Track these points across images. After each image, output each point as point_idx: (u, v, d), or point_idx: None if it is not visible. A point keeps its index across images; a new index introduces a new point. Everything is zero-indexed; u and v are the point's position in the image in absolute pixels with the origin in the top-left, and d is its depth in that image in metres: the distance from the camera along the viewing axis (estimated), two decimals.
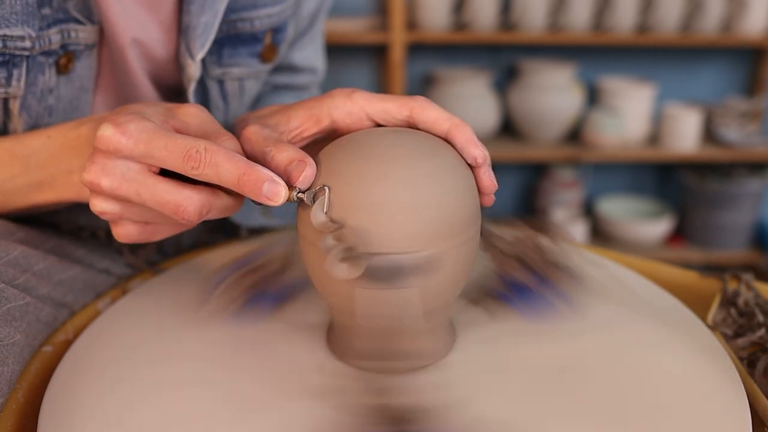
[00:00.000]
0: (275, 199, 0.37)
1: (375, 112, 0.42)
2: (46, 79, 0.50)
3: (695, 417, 0.36)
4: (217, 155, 0.37)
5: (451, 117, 0.40)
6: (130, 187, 0.39)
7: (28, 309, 0.45)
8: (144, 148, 0.38)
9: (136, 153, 0.38)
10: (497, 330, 0.43)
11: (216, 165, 0.37)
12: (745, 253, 2.09)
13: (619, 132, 1.93)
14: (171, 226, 0.43)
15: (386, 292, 0.37)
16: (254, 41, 0.59)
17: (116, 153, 0.38)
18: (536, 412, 0.36)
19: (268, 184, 0.37)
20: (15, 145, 0.47)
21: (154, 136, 0.38)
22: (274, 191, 0.37)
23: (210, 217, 0.40)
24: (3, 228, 0.49)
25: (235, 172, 0.37)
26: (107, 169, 0.39)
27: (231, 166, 0.37)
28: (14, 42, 0.46)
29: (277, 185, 0.37)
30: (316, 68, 0.74)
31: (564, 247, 0.42)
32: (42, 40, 0.48)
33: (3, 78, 0.47)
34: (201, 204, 0.39)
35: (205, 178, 0.38)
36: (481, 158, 0.39)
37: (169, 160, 0.38)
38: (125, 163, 0.39)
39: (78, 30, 0.50)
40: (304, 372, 0.40)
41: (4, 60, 0.47)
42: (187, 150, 0.38)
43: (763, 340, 0.46)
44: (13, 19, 0.46)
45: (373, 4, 2.01)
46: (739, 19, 1.88)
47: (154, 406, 0.37)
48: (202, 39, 0.53)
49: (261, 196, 0.37)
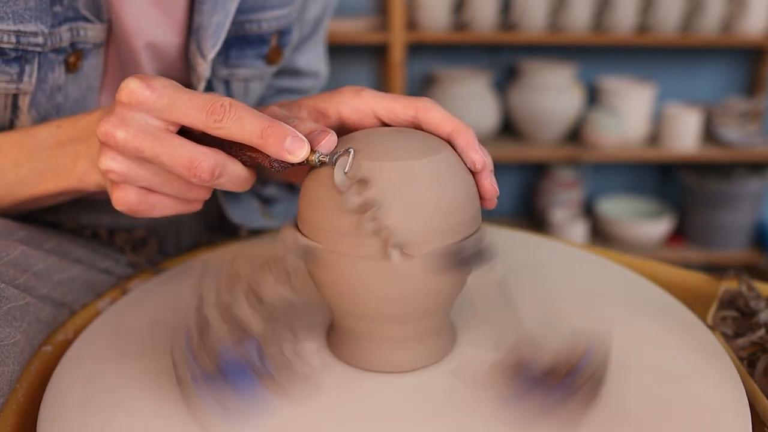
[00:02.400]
0: (297, 153, 0.37)
1: (382, 111, 0.42)
2: (55, 77, 0.50)
3: (695, 417, 0.36)
4: (241, 109, 0.38)
5: (455, 120, 0.40)
6: (146, 140, 0.38)
7: (29, 309, 0.45)
8: (168, 101, 0.38)
9: (159, 106, 0.38)
10: (496, 330, 0.43)
11: (240, 118, 0.37)
12: (745, 253, 2.09)
13: (619, 132, 1.93)
14: (173, 200, 0.42)
15: None
16: (261, 43, 0.59)
17: (138, 105, 0.38)
18: None
19: (291, 139, 0.37)
20: (23, 137, 0.47)
21: (177, 91, 0.39)
22: (297, 145, 0.37)
23: (221, 183, 0.40)
24: (4, 227, 0.49)
25: (259, 125, 0.37)
26: (126, 120, 0.38)
27: (255, 120, 0.37)
28: (27, 38, 0.47)
29: (301, 140, 0.37)
30: (319, 72, 0.75)
31: None
32: (54, 37, 0.48)
33: (15, 74, 0.48)
34: (215, 162, 0.38)
35: (227, 133, 0.38)
36: (480, 164, 0.39)
37: (192, 113, 0.38)
38: (145, 116, 0.39)
39: (87, 28, 0.50)
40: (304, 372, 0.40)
41: (17, 56, 0.47)
42: (211, 104, 0.38)
43: (763, 340, 0.46)
44: (27, 15, 0.46)
45: (373, 4, 2.01)
46: (739, 19, 1.88)
47: (154, 405, 0.37)
48: (213, 38, 0.53)
49: (283, 150, 0.37)
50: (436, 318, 0.40)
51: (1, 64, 0.47)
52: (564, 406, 0.34)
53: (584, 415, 0.35)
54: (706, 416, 0.36)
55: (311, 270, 0.39)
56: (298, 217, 0.40)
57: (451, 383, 0.39)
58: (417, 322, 0.39)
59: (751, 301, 0.49)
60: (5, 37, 0.46)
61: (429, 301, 0.38)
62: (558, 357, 0.36)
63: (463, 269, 0.38)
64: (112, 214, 0.63)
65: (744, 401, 0.38)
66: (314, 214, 0.38)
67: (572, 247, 0.59)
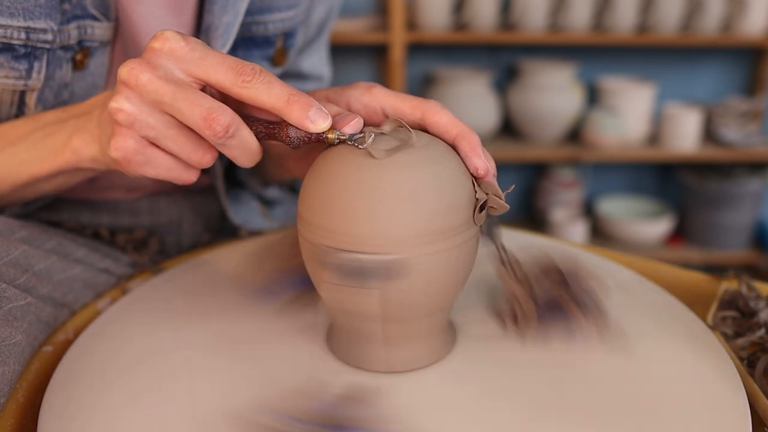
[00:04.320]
0: (319, 122, 0.37)
1: (390, 109, 0.42)
2: (63, 74, 0.51)
3: (695, 417, 0.36)
4: (270, 75, 0.38)
5: (461, 125, 0.40)
6: (168, 86, 0.38)
7: (29, 309, 0.45)
8: (199, 54, 0.39)
9: (190, 57, 0.38)
10: (495, 329, 0.43)
11: (269, 83, 0.38)
12: (745, 253, 2.09)
13: (619, 132, 1.93)
14: (173, 160, 0.41)
15: (350, 290, 0.37)
16: (267, 44, 0.60)
17: (170, 53, 0.39)
18: (534, 411, 0.36)
19: (315, 109, 0.38)
20: (29, 120, 0.48)
21: (210, 49, 0.39)
22: (320, 116, 0.38)
23: (231, 145, 0.39)
24: (5, 227, 0.49)
25: (287, 90, 0.38)
26: (153, 64, 0.38)
27: (283, 86, 0.38)
28: (37, 34, 0.47)
29: (324, 113, 0.38)
30: (322, 76, 0.75)
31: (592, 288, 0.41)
32: (62, 35, 0.49)
33: (24, 70, 0.48)
34: (232, 119, 0.38)
35: (253, 94, 0.38)
36: (483, 170, 0.39)
37: (222, 69, 0.38)
38: (173, 66, 0.39)
39: (94, 26, 0.51)
40: (304, 372, 0.40)
41: (26, 52, 0.47)
42: (242, 65, 0.38)
43: (763, 340, 0.46)
44: (37, 12, 0.46)
45: (373, 4, 2.01)
46: (739, 19, 1.88)
47: (153, 405, 0.37)
48: (223, 38, 0.54)
49: (306, 119, 0.37)
50: (436, 318, 0.40)
51: (10, 60, 0.47)
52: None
53: None
54: (706, 416, 0.36)
55: (311, 269, 0.40)
56: (298, 217, 0.40)
57: (450, 383, 0.39)
58: (416, 322, 0.39)
59: (751, 301, 0.49)
60: (15, 33, 0.46)
61: (428, 302, 0.38)
62: None
63: (364, 282, 0.37)
64: (112, 214, 0.63)
65: (744, 401, 0.38)
66: (314, 214, 0.38)
67: (572, 247, 0.59)
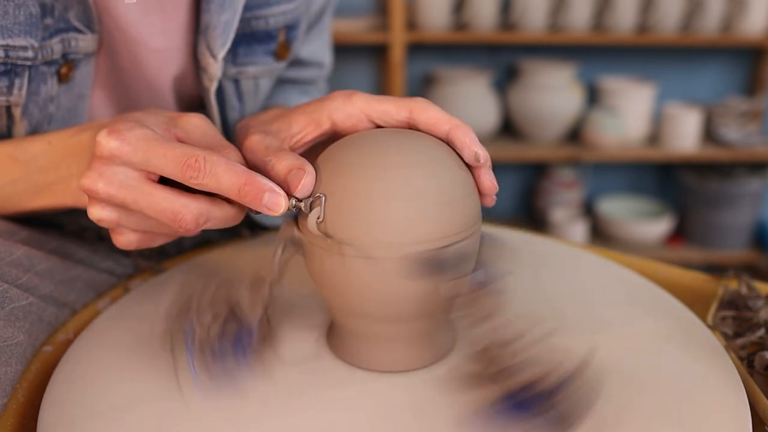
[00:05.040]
0: (275, 209, 0.37)
1: (375, 114, 0.42)
2: (48, 88, 0.50)
3: (695, 417, 0.36)
4: (217, 165, 0.37)
5: (451, 118, 0.40)
6: (128, 194, 0.39)
7: (31, 309, 0.45)
8: (142, 155, 0.38)
9: (135, 160, 0.38)
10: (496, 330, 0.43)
11: (216, 175, 0.37)
12: (745, 253, 2.09)
13: (619, 132, 1.93)
14: (169, 234, 0.43)
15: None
16: (269, 39, 0.59)
17: (115, 159, 0.38)
18: None
19: (268, 195, 0.37)
20: (16, 150, 0.47)
21: (152, 144, 0.38)
22: (274, 201, 0.37)
23: (210, 226, 0.40)
24: (6, 228, 0.49)
25: (236, 182, 0.37)
26: (105, 176, 0.39)
27: (232, 176, 0.37)
28: (16, 52, 0.46)
29: (278, 195, 0.37)
30: (323, 62, 0.74)
31: None
32: (45, 50, 0.48)
33: (4, 87, 0.48)
34: (199, 213, 0.39)
35: (205, 188, 0.38)
36: (483, 158, 0.39)
37: (168, 169, 0.38)
38: (124, 170, 0.39)
39: (78, 39, 0.50)
40: (304, 372, 0.40)
41: (6, 69, 0.47)
42: (186, 159, 0.38)
43: (763, 340, 0.46)
44: (16, 30, 0.46)
45: (373, 4, 2.01)
46: (739, 19, 1.88)
47: (154, 405, 0.38)
48: (223, 37, 0.53)
49: (262, 206, 0.37)
50: (436, 318, 0.40)
51: None
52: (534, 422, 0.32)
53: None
54: (706, 416, 0.37)
55: (310, 269, 0.40)
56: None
57: (450, 383, 0.39)
58: (416, 322, 0.39)
59: (751, 301, 0.49)
60: None
61: (427, 302, 0.38)
62: (540, 372, 0.34)
63: (439, 276, 0.37)
64: None
65: (744, 401, 0.38)
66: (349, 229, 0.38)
67: (572, 247, 0.59)
